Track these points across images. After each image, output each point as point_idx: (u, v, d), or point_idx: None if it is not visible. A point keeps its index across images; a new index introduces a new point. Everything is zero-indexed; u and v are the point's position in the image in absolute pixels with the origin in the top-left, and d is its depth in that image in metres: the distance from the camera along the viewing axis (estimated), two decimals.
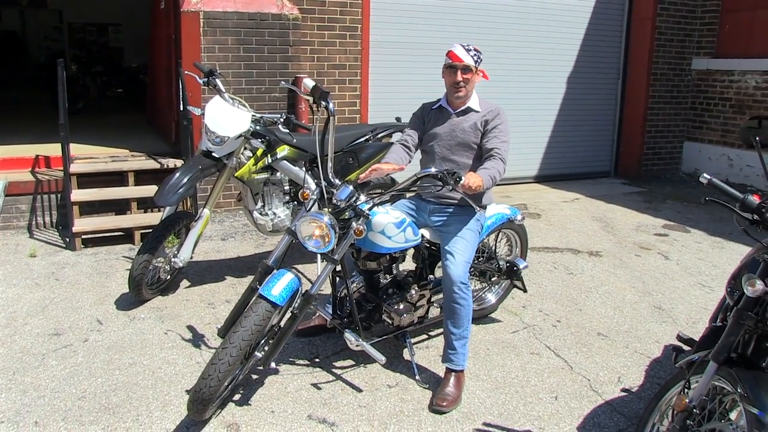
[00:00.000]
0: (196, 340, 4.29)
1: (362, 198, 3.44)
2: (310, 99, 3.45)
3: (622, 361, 4.20)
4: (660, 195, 8.99)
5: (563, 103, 9.71)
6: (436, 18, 8.40)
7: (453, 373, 3.72)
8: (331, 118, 3.45)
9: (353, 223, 3.37)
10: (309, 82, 3.56)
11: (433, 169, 3.36)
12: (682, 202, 8.63)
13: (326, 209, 3.37)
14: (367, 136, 5.55)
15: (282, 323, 3.50)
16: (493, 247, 4.61)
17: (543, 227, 7.25)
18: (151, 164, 6.82)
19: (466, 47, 3.71)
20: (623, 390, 3.84)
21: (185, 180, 4.53)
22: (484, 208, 3.98)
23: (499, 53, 8.92)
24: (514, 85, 9.16)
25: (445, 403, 3.57)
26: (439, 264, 3.88)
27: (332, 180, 3.50)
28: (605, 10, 9.68)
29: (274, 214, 5.15)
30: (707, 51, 9.98)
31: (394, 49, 8.22)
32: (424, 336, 4.44)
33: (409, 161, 3.89)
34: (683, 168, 10.42)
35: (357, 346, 3.67)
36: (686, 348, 3.13)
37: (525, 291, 4.72)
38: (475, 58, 3.72)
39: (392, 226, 3.60)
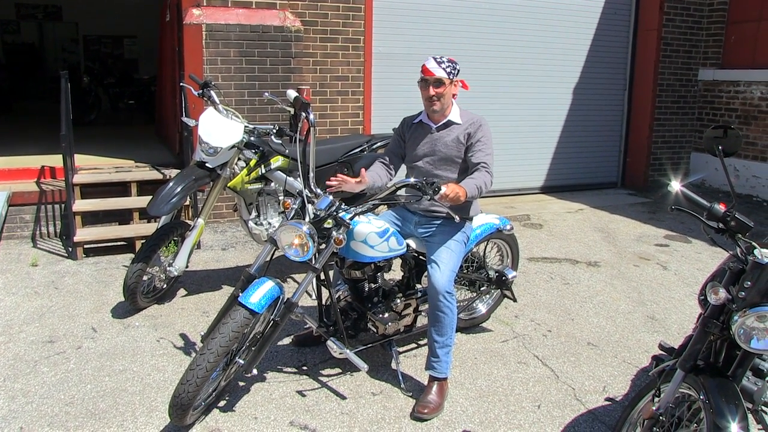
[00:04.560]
0: (188, 347, 4.35)
1: (343, 207, 3.49)
2: (292, 110, 3.50)
3: (609, 370, 4.20)
4: (664, 206, 8.95)
5: (569, 114, 9.71)
6: (439, 29, 8.45)
7: (436, 381, 3.75)
8: (311, 128, 3.51)
9: (333, 233, 3.42)
10: (291, 93, 3.63)
11: (411, 179, 3.41)
12: (687, 212, 8.57)
13: (306, 218, 3.43)
14: (362, 147, 5.61)
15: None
16: (483, 257, 4.63)
17: (544, 238, 7.26)
18: (154, 175, 6.93)
19: (439, 60, 3.70)
20: (607, 399, 3.85)
21: (178, 190, 4.60)
22: (470, 219, 4.02)
23: (504, 64, 8.98)
24: (520, 95, 9.20)
25: (426, 411, 3.59)
26: (426, 273, 3.92)
27: (314, 189, 3.56)
28: (611, 21, 9.69)
29: (269, 223, 5.21)
30: (713, 62, 9.95)
31: (397, 60, 8.27)
32: (413, 345, 4.47)
33: (390, 179, 3.93)
34: (691, 179, 10.37)
35: (340, 354, 3.70)
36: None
37: (515, 300, 4.73)
38: (449, 69, 3.70)
39: (374, 235, 3.64)
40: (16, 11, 17.22)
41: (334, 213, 3.44)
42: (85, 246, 6.12)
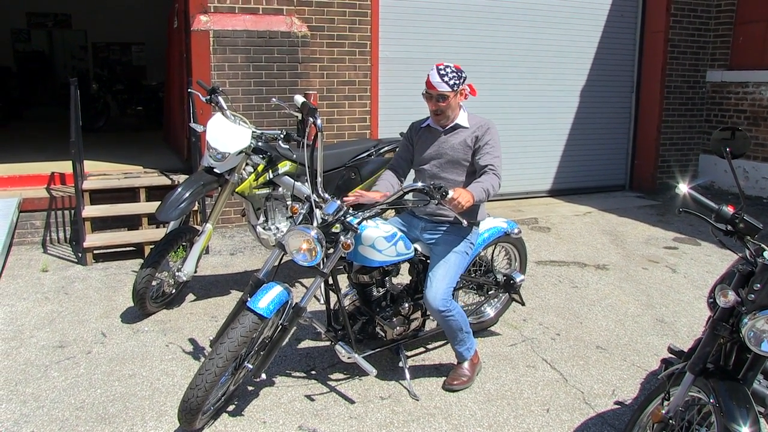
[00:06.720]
0: (196, 352, 4.36)
1: (351, 212, 3.49)
2: (299, 115, 3.52)
3: (619, 374, 4.19)
4: (673, 208, 8.92)
5: (577, 117, 9.70)
6: (444, 33, 8.47)
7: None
8: (318, 133, 3.52)
9: (341, 237, 3.42)
10: (298, 98, 3.64)
11: (419, 184, 3.41)
12: (695, 215, 8.55)
13: (314, 223, 3.44)
14: (369, 152, 5.62)
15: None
16: (491, 261, 4.63)
17: (552, 241, 7.25)
18: (162, 180, 6.96)
19: (442, 72, 3.67)
20: (616, 403, 3.84)
21: (186, 195, 4.62)
22: (477, 224, 4.02)
23: (511, 67, 8.98)
24: (527, 99, 9.20)
25: (456, 383, 3.88)
26: None
27: (321, 194, 3.57)
28: (617, 23, 9.68)
29: (277, 228, 5.22)
30: (721, 63, 9.92)
31: (403, 64, 8.29)
32: (421, 349, 4.47)
33: (401, 185, 3.94)
34: (699, 181, 10.33)
35: (348, 358, 3.71)
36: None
37: (523, 304, 4.72)
38: (452, 81, 3.67)
39: (382, 239, 3.64)
40: (27, 20, 17.37)
41: (342, 218, 3.45)
42: (95, 251, 6.15)
